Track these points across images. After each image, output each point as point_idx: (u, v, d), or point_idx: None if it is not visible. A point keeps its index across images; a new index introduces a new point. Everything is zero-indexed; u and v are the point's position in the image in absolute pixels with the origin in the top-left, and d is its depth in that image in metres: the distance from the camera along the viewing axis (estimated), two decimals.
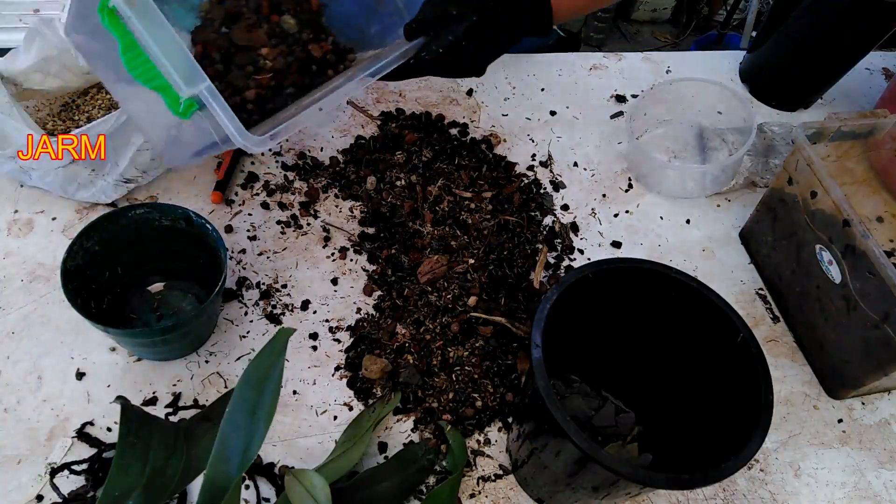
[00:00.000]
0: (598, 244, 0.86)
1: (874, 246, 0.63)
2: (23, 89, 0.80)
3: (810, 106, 1.06)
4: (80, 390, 0.67)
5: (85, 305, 0.64)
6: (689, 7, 2.79)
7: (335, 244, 0.81)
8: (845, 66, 0.98)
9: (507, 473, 0.66)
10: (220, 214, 0.82)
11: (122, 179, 0.78)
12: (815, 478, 0.69)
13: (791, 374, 0.77)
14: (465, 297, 0.75)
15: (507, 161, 0.92)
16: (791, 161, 0.75)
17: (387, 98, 0.98)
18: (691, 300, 0.56)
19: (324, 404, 0.69)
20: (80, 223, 0.78)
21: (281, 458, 0.65)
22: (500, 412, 0.69)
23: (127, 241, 0.68)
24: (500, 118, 0.98)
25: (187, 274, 0.74)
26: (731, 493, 0.68)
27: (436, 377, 0.70)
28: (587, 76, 1.06)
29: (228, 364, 0.70)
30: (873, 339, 0.66)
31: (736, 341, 0.54)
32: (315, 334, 0.73)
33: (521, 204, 0.86)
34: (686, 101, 0.96)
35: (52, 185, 0.76)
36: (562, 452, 0.52)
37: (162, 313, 0.73)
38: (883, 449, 0.72)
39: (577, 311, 0.57)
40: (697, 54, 1.15)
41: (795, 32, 0.97)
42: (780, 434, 0.72)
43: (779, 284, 0.81)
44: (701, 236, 0.88)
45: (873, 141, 0.84)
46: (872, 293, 0.65)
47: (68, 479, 0.61)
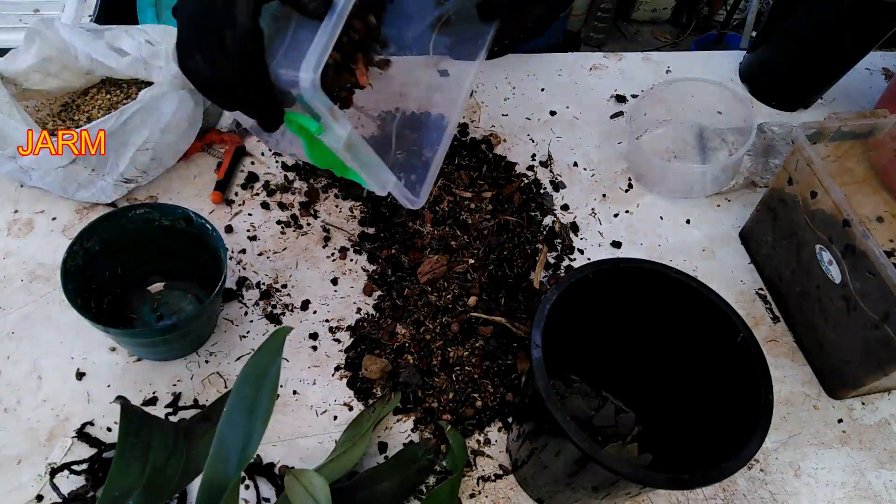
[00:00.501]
0: (598, 244, 0.86)
1: (874, 246, 0.63)
2: (23, 89, 0.80)
3: (810, 106, 1.06)
4: (80, 390, 0.67)
5: (85, 305, 0.64)
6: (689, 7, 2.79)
7: (335, 244, 0.81)
8: (845, 66, 0.98)
9: (507, 473, 0.66)
10: (220, 214, 0.82)
11: (122, 179, 0.78)
12: (815, 478, 0.69)
13: (791, 374, 0.77)
14: (465, 297, 0.75)
15: (507, 161, 0.92)
16: (791, 161, 0.75)
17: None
18: (691, 300, 0.56)
19: (324, 404, 0.69)
20: (80, 223, 0.78)
21: (281, 458, 0.65)
22: (500, 412, 0.69)
23: (127, 241, 0.68)
24: (500, 118, 0.98)
25: (187, 274, 0.74)
26: (731, 493, 0.68)
27: (436, 377, 0.70)
28: (587, 76, 1.06)
29: (228, 364, 0.70)
30: (873, 339, 0.66)
31: (736, 341, 0.54)
32: (315, 334, 0.73)
33: (521, 204, 0.86)
34: (686, 101, 0.96)
35: (52, 185, 0.76)
36: (562, 452, 0.52)
37: (162, 313, 0.73)
38: (883, 449, 0.72)
39: (577, 311, 0.57)
40: (697, 54, 1.15)
41: (795, 32, 0.97)
42: (780, 434, 0.72)
43: (779, 284, 0.81)
44: (701, 236, 0.88)
45: (873, 141, 0.84)
46: (872, 293, 0.65)
47: (68, 479, 0.61)
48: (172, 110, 0.77)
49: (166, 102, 0.76)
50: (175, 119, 0.78)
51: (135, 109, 0.74)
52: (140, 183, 0.81)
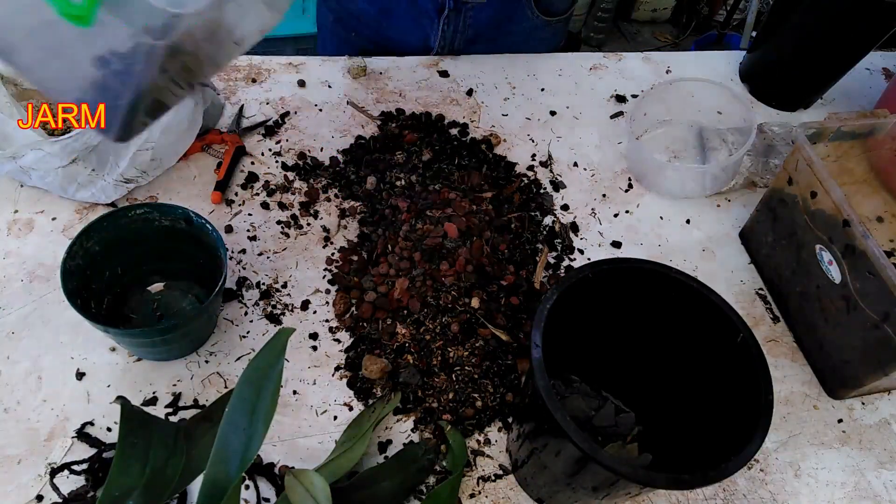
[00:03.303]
0: (598, 244, 0.86)
1: (874, 246, 0.63)
2: (23, 89, 0.79)
3: (810, 106, 1.06)
4: (80, 390, 0.67)
5: (85, 305, 0.64)
6: (689, 7, 2.79)
7: (335, 244, 0.81)
8: (845, 66, 0.98)
9: (507, 473, 0.66)
10: (220, 214, 0.82)
11: (122, 179, 0.78)
12: (815, 478, 0.69)
13: (791, 374, 0.77)
14: (465, 298, 0.75)
15: (507, 161, 0.92)
16: (791, 161, 0.75)
17: (387, 98, 0.98)
18: (691, 300, 0.56)
19: (324, 404, 0.69)
20: (81, 223, 0.78)
21: (281, 458, 0.65)
22: (500, 412, 0.69)
23: (127, 241, 0.68)
24: (500, 118, 0.98)
25: (187, 274, 0.74)
26: (731, 493, 0.68)
27: (436, 377, 0.70)
28: (587, 76, 1.06)
29: (228, 364, 0.70)
30: (873, 339, 0.66)
31: (736, 341, 0.54)
32: (315, 334, 0.73)
33: (521, 204, 0.86)
34: (686, 101, 0.96)
35: (51, 185, 0.76)
36: (562, 452, 0.52)
37: (162, 313, 0.73)
38: (883, 449, 0.72)
39: (577, 311, 0.57)
40: (697, 54, 1.15)
41: (795, 32, 0.97)
42: (780, 434, 0.72)
43: (779, 284, 0.81)
44: (701, 236, 0.88)
45: (873, 141, 0.84)
46: (872, 293, 0.65)
47: (68, 479, 0.61)
48: (172, 110, 0.77)
49: None
50: (175, 119, 0.78)
51: None
52: (140, 183, 0.81)
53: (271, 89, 0.96)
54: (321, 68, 1.00)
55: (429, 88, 1.00)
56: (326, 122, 0.93)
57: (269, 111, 0.93)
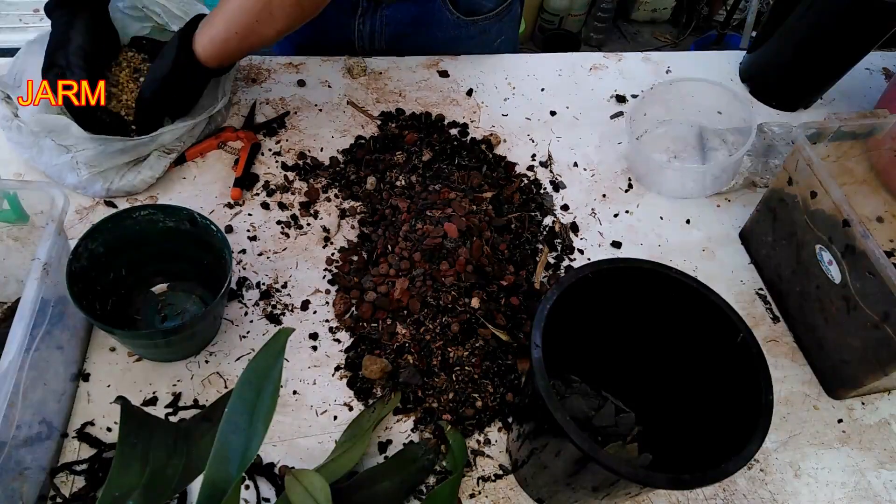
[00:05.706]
0: (598, 244, 0.86)
1: (874, 246, 0.63)
2: None
3: (810, 106, 1.06)
4: (80, 390, 0.67)
5: (90, 307, 0.64)
6: (689, 7, 2.79)
7: (335, 244, 0.81)
8: (845, 66, 0.98)
9: (507, 473, 0.66)
10: (221, 214, 0.82)
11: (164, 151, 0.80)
12: (815, 478, 0.69)
13: (791, 374, 0.77)
14: (465, 298, 0.75)
15: (507, 161, 0.92)
16: (791, 161, 0.75)
17: (387, 98, 0.98)
18: (691, 300, 0.56)
19: (324, 404, 0.69)
20: (81, 223, 0.78)
21: (281, 458, 0.65)
22: (500, 412, 0.69)
23: (131, 242, 0.68)
24: (500, 118, 0.98)
25: (191, 275, 0.74)
26: (731, 493, 0.68)
27: (436, 377, 0.70)
28: (587, 76, 1.06)
29: (228, 364, 0.70)
30: (873, 339, 0.66)
31: (736, 341, 0.54)
32: (315, 334, 0.73)
33: (521, 204, 0.86)
34: (686, 101, 0.96)
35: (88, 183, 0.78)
36: (562, 452, 0.52)
37: (166, 314, 0.73)
38: (883, 449, 0.72)
39: (577, 311, 0.57)
40: (697, 54, 1.15)
41: (795, 32, 0.97)
42: (780, 434, 0.72)
43: (779, 284, 0.81)
44: (701, 236, 0.88)
45: (873, 141, 0.84)
46: (872, 293, 0.65)
47: (68, 479, 0.61)
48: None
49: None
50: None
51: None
52: (180, 150, 0.83)
53: (271, 89, 0.96)
54: (321, 68, 1.00)
55: (429, 88, 1.00)
56: (326, 122, 0.93)
57: (269, 111, 0.93)
